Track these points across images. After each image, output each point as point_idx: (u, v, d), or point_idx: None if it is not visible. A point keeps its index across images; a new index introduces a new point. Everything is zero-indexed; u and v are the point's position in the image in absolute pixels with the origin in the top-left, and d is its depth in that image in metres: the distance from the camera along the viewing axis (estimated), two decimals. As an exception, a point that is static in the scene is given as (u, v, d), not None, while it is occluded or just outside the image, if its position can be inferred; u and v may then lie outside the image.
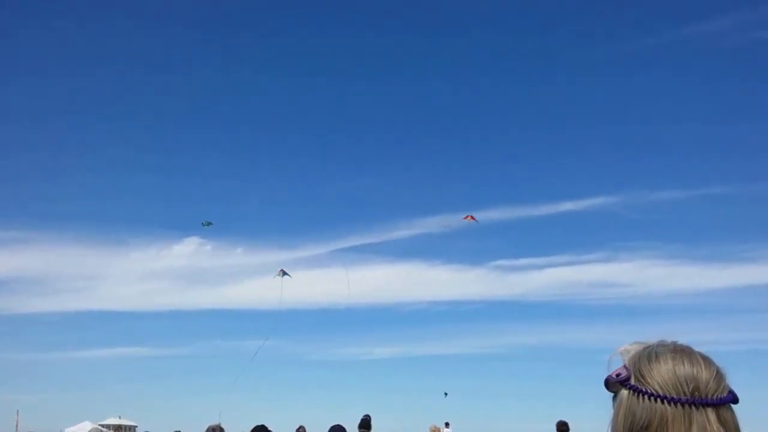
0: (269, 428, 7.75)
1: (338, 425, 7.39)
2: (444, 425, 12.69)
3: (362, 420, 10.31)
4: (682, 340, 1.10)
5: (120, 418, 34.79)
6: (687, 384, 0.99)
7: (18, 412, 28.94)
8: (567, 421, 11.11)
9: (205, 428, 8.70)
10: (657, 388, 1.00)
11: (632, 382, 1.03)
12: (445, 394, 23.83)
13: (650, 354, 1.05)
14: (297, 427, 12.06)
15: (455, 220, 23.02)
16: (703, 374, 1.00)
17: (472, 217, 22.03)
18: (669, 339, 1.10)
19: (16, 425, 28.25)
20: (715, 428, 0.96)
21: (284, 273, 19.54)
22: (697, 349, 1.08)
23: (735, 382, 1.03)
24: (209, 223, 22.00)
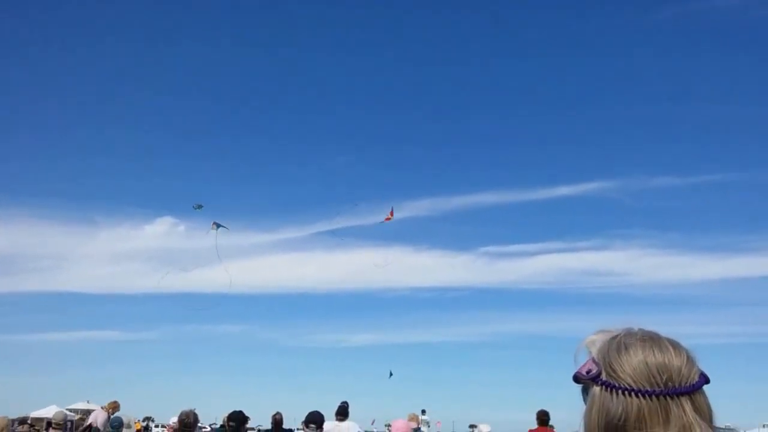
0: (245, 414, 7.64)
1: (316, 412, 7.33)
2: (420, 412, 12.70)
3: (339, 407, 10.24)
4: (678, 332, 1.06)
5: (88, 402, 34.28)
6: (660, 374, 0.97)
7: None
8: (548, 410, 11.13)
9: (179, 414, 8.54)
10: (630, 381, 0.97)
11: (603, 377, 1.00)
12: (390, 374, 24.05)
13: (619, 345, 1.02)
14: (273, 413, 11.93)
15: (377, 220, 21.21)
16: (675, 362, 0.98)
17: (390, 216, 20.98)
18: (635, 326, 1.06)
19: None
20: (690, 418, 0.94)
21: (218, 226, 18.57)
22: (681, 338, 1.05)
23: (732, 374, 0.93)
24: (200, 206, 21.16)
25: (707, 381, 0.99)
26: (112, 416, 10.69)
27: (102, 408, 12.18)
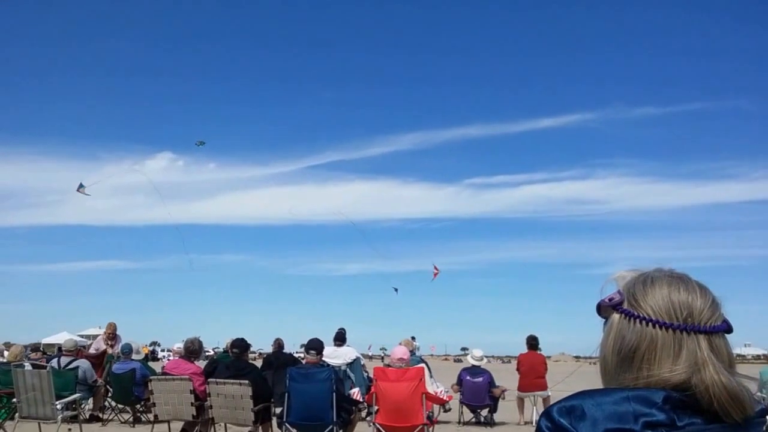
0: (247, 341, 8.02)
1: (315, 339, 7.65)
2: (411, 338, 13.22)
3: (337, 333, 10.69)
4: (658, 257, 1.07)
5: (100, 328, 35.39)
6: (681, 310, 0.98)
7: (-4, 321, 29.62)
8: (536, 335, 11.61)
9: (184, 340, 8.94)
10: (649, 312, 0.99)
11: (625, 306, 1.02)
12: (395, 290, 24.65)
13: (645, 279, 1.04)
14: (275, 338, 12.42)
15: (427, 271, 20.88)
16: (698, 302, 0.99)
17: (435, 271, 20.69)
18: (666, 266, 1.07)
19: (-6, 335, 28.81)
20: (705, 355, 0.94)
21: (82, 186, 17.14)
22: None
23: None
24: (202, 143, 21.54)
25: (730, 329, 0.99)
26: (122, 343, 11.12)
27: (103, 334, 12.59)
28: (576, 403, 0.93)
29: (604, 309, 1.05)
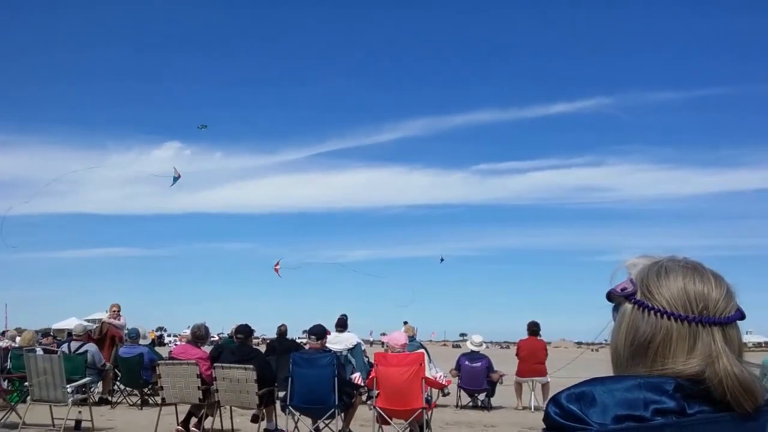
0: (251, 327, 8.22)
1: (319, 325, 7.84)
2: (402, 323, 13.45)
3: (339, 319, 10.90)
4: (670, 246, 1.05)
5: (105, 313, 35.89)
6: (696, 302, 0.97)
7: (6, 306, 30.13)
8: (538, 322, 11.76)
9: (191, 326, 9.15)
10: (664, 304, 0.97)
11: (638, 297, 1.00)
12: (441, 259, 25.05)
13: (660, 269, 1.02)
14: (279, 325, 12.65)
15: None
16: (714, 293, 0.98)
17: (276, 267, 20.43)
18: (679, 254, 1.05)
19: (6, 320, 29.30)
20: (720, 347, 0.94)
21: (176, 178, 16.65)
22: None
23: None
24: (204, 126, 22.10)
25: (743, 317, 0.99)
26: (129, 328, 11.35)
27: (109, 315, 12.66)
28: (586, 389, 0.93)
29: (615, 297, 1.04)
